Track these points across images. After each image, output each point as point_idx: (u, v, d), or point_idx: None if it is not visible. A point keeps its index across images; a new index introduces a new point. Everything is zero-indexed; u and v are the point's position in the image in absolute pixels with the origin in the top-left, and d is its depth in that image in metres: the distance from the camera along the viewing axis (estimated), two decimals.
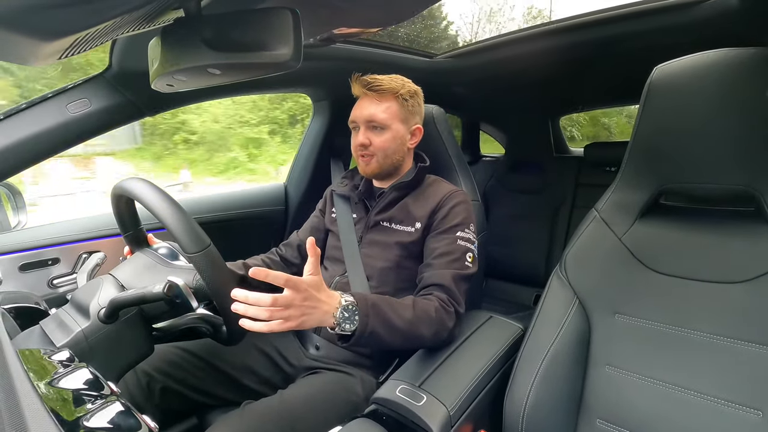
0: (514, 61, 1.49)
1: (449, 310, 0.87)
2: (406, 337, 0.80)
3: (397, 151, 1.03)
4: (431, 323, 0.83)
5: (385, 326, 0.76)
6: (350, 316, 0.73)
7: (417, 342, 0.84)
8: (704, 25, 1.07)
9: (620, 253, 0.81)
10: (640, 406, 0.72)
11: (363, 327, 0.73)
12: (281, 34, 0.48)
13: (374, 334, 0.75)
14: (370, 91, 0.99)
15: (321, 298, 0.70)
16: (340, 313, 0.72)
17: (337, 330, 0.73)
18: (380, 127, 0.99)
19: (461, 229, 0.96)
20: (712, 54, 0.69)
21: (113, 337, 0.71)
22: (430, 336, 0.83)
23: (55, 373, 0.51)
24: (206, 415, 0.97)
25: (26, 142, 0.86)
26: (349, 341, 0.74)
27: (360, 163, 1.04)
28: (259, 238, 1.61)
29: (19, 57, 0.46)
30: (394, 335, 0.78)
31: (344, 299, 0.73)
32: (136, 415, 0.45)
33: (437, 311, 0.84)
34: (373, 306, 0.76)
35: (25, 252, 1.08)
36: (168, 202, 0.69)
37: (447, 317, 0.85)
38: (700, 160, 0.73)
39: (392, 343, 0.78)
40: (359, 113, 1.00)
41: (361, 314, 0.74)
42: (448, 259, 0.93)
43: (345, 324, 0.72)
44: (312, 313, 0.68)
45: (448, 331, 0.86)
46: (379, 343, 0.77)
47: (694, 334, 0.70)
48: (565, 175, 2.06)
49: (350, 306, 0.73)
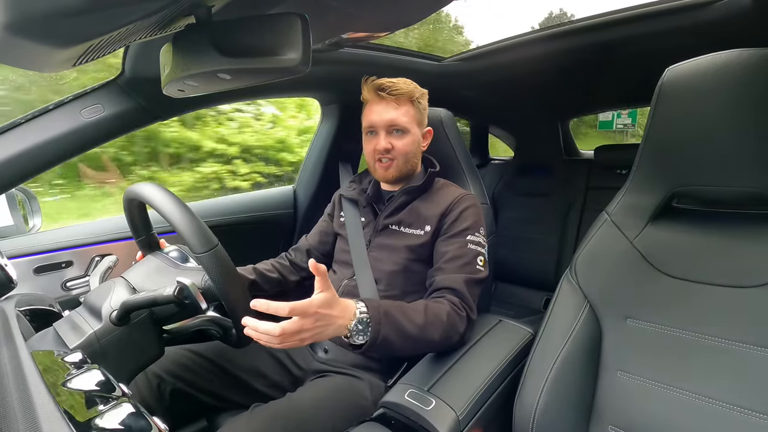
0: (523, 63, 1.48)
1: (461, 314, 0.86)
2: (418, 342, 0.79)
3: (416, 154, 1.04)
4: (443, 327, 0.82)
5: (396, 333, 0.76)
6: (363, 329, 0.73)
7: (428, 346, 0.84)
8: (716, 25, 1.06)
9: (632, 256, 0.80)
10: (652, 413, 0.71)
11: (375, 335, 0.73)
12: (290, 39, 0.48)
13: (386, 341, 0.74)
14: (388, 96, 0.98)
15: (334, 314, 0.69)
16: (354, 326, 0.72)
17: (350, 340, 0.73)
18: (401, 130, 0.99)
19: (471, 232, 0.96)
20: (725, 55, 0.68)
21: (125, 339, 0.72)
22: (441, 340, 0.82)
23: (67, 375, 0.52)
24: (215, 417, 0.97)
25: (42, 146, 0.88)
26: (361, 349, 0.74)
27: (377, 168, 1.03)
28: (268, 242, 1.62)
29: (35, 64, 0.48)
30: (406, 341, 0.78)
31: (359, 311, 0.73)
32: (147, 417, 0.45)
33: (449, 315, 0.84)
34: (385, 314, 0.76)
35: (39, 255, 1.10)
36: (176, 204, 0.70)
37: (459, 321, 0.85)
38: (714, 163, 0.71)
39: (403, 348, 0.78)
40: (378, 118, 0.99)
41: (373, 322, 0.73)
42: (460, 263, 0.92)
43: (358, 337, 0.73)
44: (325, 329, 0.68)
45: (460, 335, 0.85)
46: (390, 349, 0.77)
47: (707, 339, 0.69)
48: (575, 178, 2.04)
49: (364, 318, 0.73)
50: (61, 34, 0.38)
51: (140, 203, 0.83)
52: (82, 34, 0.39)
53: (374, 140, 1.01)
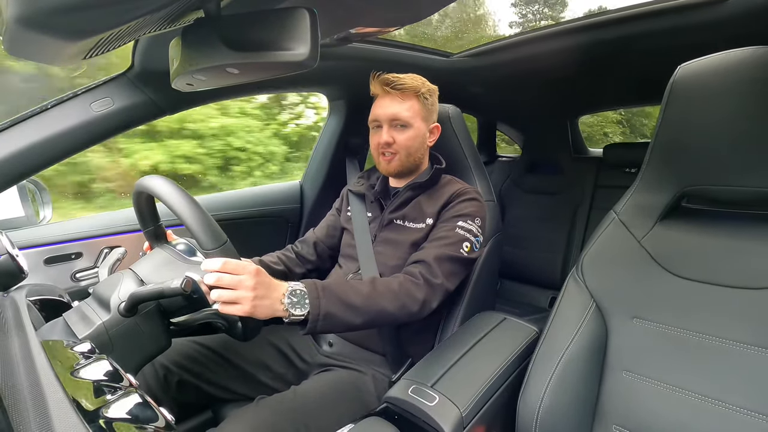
0: (532, 60, 1.47)
1: (417, 282, 0.86)
2: (367, 312, 0.79)
3: (419, 149, 1.03)
4: (394, 297, 0.82)
5: (340, 305, 0.76)
6: (299, 301, 0.72)
7: (383, 317, 0.82)
8: (729, 22, 1.04)
9: (639, 256, 0.79)
10: (658, 413, 0.71)
11: (315, 310, 0.73)
12: (299, 34, 0.48)
13: (330, 315, 0.74)
14: (393, 90, 0.99)
15: (271, 284, 0.70)
16: (287, 299, 0.71)
17: (289, 318, 0.72)
18: (404, 125, 1.00)
19: (464, 219, 0.96)
20: (737, 52, 0.66)
21: (132, 330, 0.73)
22: (395, 309, 0.82)
23: (76, 364, 0.53)
24: (221, 408, 0.98)
25: (53, 139, 0.89)
26: (306, 326, 0.74)
27: (381, 161, 1.04)
28: (275, 236, 1.63)
29: (46, 57, 0.48)
30: (354, 313, 0.77)
31: (290, 285, 0.73)
32: (154, 407, 0.46)
33: (401, 284, 0.84)
34: (323, 289, 0.76)
35: (50, 246, 1.12)
36: (186, 200, 0.70)
37: (415, 288, 0.85)
38: (725, 162, 0.70)
39: (353, 321, 0.78)
40: (382, 112, 1.00)
41: (311, 297, 0.73)
42: (440, 242, 0.92)
43: (295, 309, 0.72)
44: (262, 298, 0.68)
45: (419, 303, 0.84)
46: (339, 323, 0.76)
47: (715, 341, 0.69)
48: (584, 177, 2.03)
49: (297, 291, 0.73)
50: (72, 28, 0.38)
51: (149, 195, 0.84)
52: (93, 27, 0.39)
53: (378, 134, 1.02)
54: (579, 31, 1.29)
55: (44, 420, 0.39)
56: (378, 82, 1.01)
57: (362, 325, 0.80)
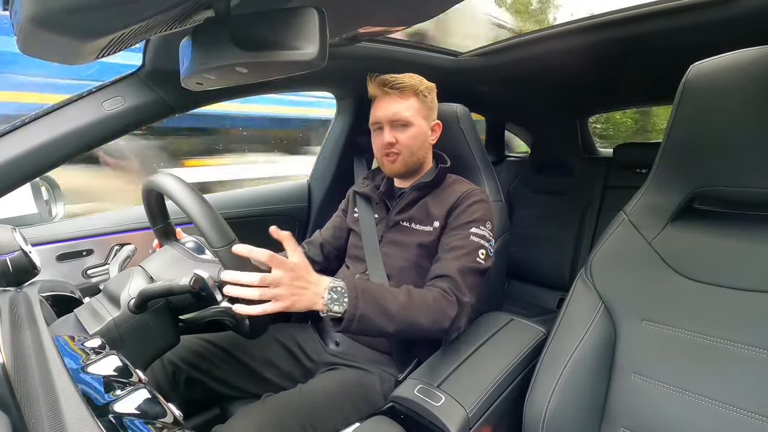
0: (541, 59, 1.46)
1: (450, 299, 0.85)
2: (401, 322, 0.78)
3: (421, 147, 1.03)
4: (429, 310, 0.81)
5: (376, 310, 0.76)
6: (339, 298, 0.73)
7: (415, 329, 0.81)
8: (743, 21, 1.02)
9: (649, 257, 0.78)
10: (667, 417, 0.70)
11: (353, 309, 0.73)
12: (307, 33, 0.48)
13: (365, 318, 0.74)
14: (391, 90, 0.98)
15: (310, 280, 0.71)
16: (327, 294, 0.72)
17: (327, 313, 0.72)
18: (405, 124, 0.99)
19: (476, 225, 0.95)
20: (751, 52, 0.65)
21: (142, 326, 0.74)
22: (428, 323, 0.81)
23: (87, 359, 0.54)
24: (228, 406, 0.99)
25: (65, 137, 0.90)
26: (341, 324, 0.74)
27: (385, 162, 1.04)
28: None
29: (60, 56, 0.49)
30: (388, 320, 0.77)
31: (332, 281, 0.73)
32: (162, 403, 0.47)
33: (435, 299, 0.83)
34: (363, 290, 0.76)
35: (62, 243, 1.13)
36: (196, 198, 0.71)
37: (447, 305, 0.84)
38: (738, 163, 0.69)
39: (386, 328, 0.77)
40: (382, 113, 1.00)
41: (350, 297, 0.73)
42: (458, 253, 0.92)
43: (333, 305, 0.72)
44: (302, 294, 0.69)
45: (450, 319, 0.84)
46: (371, 327, 0.76)
47: (726, 344, 0.68)
48: (593, 177, 2.01)
49: (338, 288, 0.73)
50: (84, 27, 0.39)
51: (158, 193, 0.85)
52: (105, 27, 0.40)
53: (380, 135, 1.02)
54: (589, 29, 1.27)
55: (55, 413, 0.40)
56: (376, 83, 1.00)
57: (393, 334, 0.80)
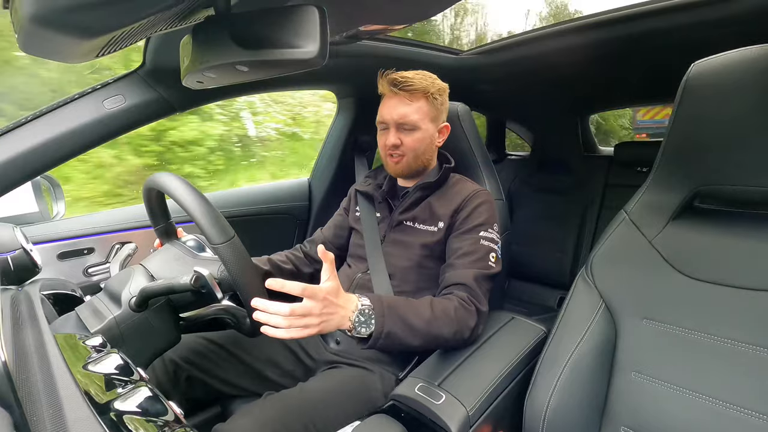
0: (542, 57, 1.45)
1: (469, 309, 0.85)
2: (426, 336, 0.79)
3: (427, 150, 1.02)
4: (451, 322, 0.82)
5: (402, 327, 0.76)
6: (366, 320, 0.73)
7: (438, 342, 0.83)
8: (745, 19, 1.02)
9: (650, 256, 0.78)
10: (668, 415, 0.70)
11: (379, 328, 0.73)
12: (308, 31, 0.48)
13: (391, 335, 0.75)
14: (401, 91, 0.96)
15: (339, 304, 0.70)
16: (356, 317, 0.72)
17: (354, 333, 0.73)
18: (411, 127, 0.98)
19: (484, 228, 0.95)
20: (753, 50, 0.65)
21: (143, 324, 0.74)
22: (450, 335, 0.82)
23: (88, 358, 0.54)
24: (229, 404, 0.99)
25: (66, 136, 0.90)
26: (368, 342, 0.74)
27: (389, 163, 1.03)
28: (283, 233, 1.63)
29: (59, 55, 0.49)
30: (413, 335, 0.77)
31: (361, 303, 0.73)
32: (163, 401, 0.47)
33: (456, 310, 0.83)
34: (389, 307, 0.76)
35: (63, 241, 1.13)
36: (195, 195, 0.71)
37: (468, 315, 0.84)
38: (740, 162, 0.69)
39: (411, 343, 0.78)
40: (389, 114, 0.98)
41: (376, 316, 0.74)
42: (471, 258, 0.91)
43: (361, 328, 0.73)
44: (330, 319, 0.69)
45: (470, 330, 0.85)
46: (397, 343, 0.76)
47: (727, 343, 0.67)
48: (594, 175, 2.01)
49: (366, 310, 0.73)
50: (84, 26, 0.38)
51: (159, 192, 0.85)
52: (105, 25, 0.40)
53: (385, 135, 1.01)
54: (590, 28, 1.27)
55: (57, 411, 0.40)
56: (386, 81, 0.98)
57: (418, 347, 0.80)
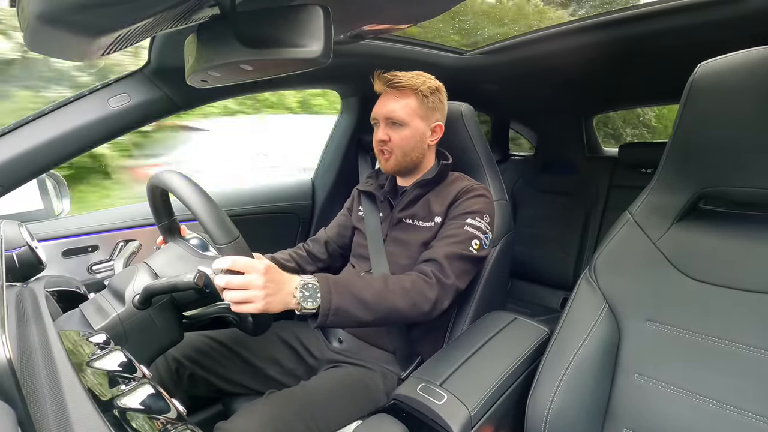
0: (547, 58, 1.45)
1: (429, 281, 0.85)
2: (378, 309, 0.79)
3: (416, 148, 1.01)
4: (406, 294, 0.82)
5: (352, 301, 0.76)
6: (311, 294, 0.73)
7: (394, 315, 0.82)
8: (751, 20, 1.01)
9: (654, 258, 0.78)
10: (671, 418, 0.70)
11: (326, 304, 0.74)
12: (312, 31, 0.48)
13: (341, 311, 0.75)
14: (390, 88, 0.98)
15: (282, 279, 0.71)
16: (300, 293, 0.72)
17: (301, 311, 0.73)
18: (399, 123, 0.99)
19: (472, 216, 0.95)
20: (759, 51, 0.65)
21: (146, 322, 0.74)
22: (407, 307, 0.82)
23: (92, 355, 0.54)
24: (231, 402, 1.00)
25: (71, 134, 0.91)
26: (317, 319, 0.74)
27: (380, 159, 1.04)
28: (286, 232, 1.64)
29: (65, 53, 0.49)
30: (365, 309, 0.77)
31: (303, 279, 0.74)
32: (166, 399, 0.47)
33: (414, 282, 0.83)
34: (336, 284, 0.76)
35: (67, 239, 1.14)
36: (200, 195, 0.71)
37: (427, 287, 0.84)
38: (746, 163, 0.69)
39: (364, 317, 0.78)
40: (379, 110, 1.01)
41: (322, 291, 0.74)
42: (449, 240, 0.92)
43: (306, 303, 0.72)
44: (275, 294, 0.69)
45: (431, 302, 0.84)
46: (349, 318, 0.76)
47: (731, 346, 0.67)
48: (598, 176, 2.00)
49: (309, 285, 0.73)
50: (91, 24, 0.39)
51: (163, 190, 0.85)
52: (110, 24, 0.40)
53: (377, 131, 1.03)
54: (595, 28, 1.27)
55: (60, 408, 0.40)
56: (379, 80, 1.00)
57: (373, 322, 0.80)
